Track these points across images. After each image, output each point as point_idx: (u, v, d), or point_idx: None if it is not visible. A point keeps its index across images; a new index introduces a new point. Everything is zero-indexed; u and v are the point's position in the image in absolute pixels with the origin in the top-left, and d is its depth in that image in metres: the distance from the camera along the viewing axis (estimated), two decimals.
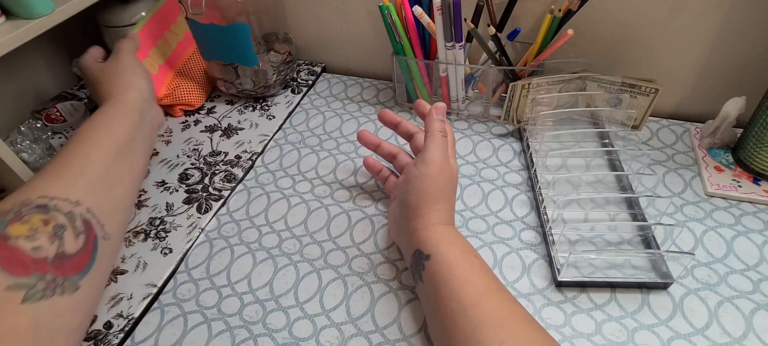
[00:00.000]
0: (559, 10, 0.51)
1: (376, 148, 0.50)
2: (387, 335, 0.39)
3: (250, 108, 0.66)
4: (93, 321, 0.41)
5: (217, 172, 0.56)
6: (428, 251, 0.37)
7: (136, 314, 0.42)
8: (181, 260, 0.47)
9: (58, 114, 0.60)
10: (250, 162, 0.57)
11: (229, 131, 0.62)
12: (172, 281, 0.45)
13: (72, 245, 0.33)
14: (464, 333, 0.32)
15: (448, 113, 0.61)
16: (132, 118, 0.44)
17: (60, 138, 0.57)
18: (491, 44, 0.55)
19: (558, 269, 0.42)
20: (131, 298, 0.43)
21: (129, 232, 0.49)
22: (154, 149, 0.60)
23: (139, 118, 0.45)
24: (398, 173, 0.49)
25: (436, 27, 0.51)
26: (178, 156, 0.58)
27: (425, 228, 0.38)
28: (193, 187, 0.54)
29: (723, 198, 0.48)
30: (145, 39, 0.60)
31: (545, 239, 0.45)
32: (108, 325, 0.41)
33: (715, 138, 0.52)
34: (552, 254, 0.43)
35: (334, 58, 0.73)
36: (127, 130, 0.43)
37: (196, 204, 0.52)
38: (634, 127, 0.54)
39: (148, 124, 0.47)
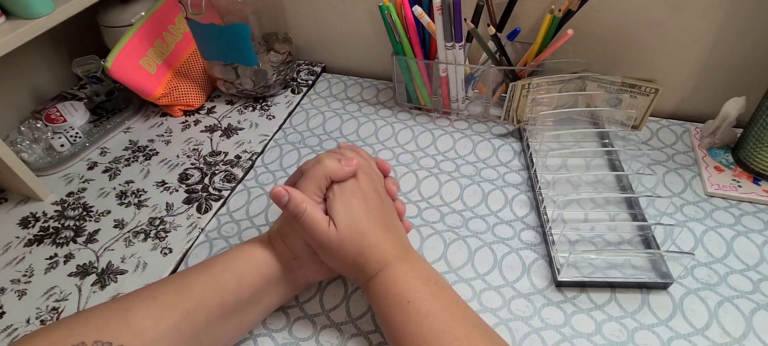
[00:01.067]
0: (559, 10, 0.51)
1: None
2: None
3: (250, 108, 0.66)
4: None
5: (217, 172, 0.56)
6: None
7: None
8: (181, 260, 0.47)
9: (58, 114, 0.60)
10: (250, 162, 0.57)
11: (229, 131, 0.62)
12: None
13: None
14: None
15: (448, 113, 0.61)
16: (271, 270, 0.37)
17: (60, 138, 0.57)
18: (491, 44, 0.55)
19: (558, 269, 0.42)
20: None
21: (129, 232, 0.49)
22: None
23: (278, 273, 0.37)
24: None
25: (436, 27, 0.51)
26: (178, 156, 0.58)
27: (365, 285, 0.36)
28: (193, 187, 0.54)
29: (723, 198, 0.48)
30: (142, 39, 0.60)
31: (545, 239, 0.45)
32: None
33: (715, 138, 0.52)
34: (552, 254, 0.43)
35: (334, 58, 0.73)
36: (253, 287, 0.36)
37: (196, 204, 0.52)
38: (634, 127, 0.54)
39: (286, 286, 0.39)
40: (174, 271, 0.46)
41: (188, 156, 0.58)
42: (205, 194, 0.53)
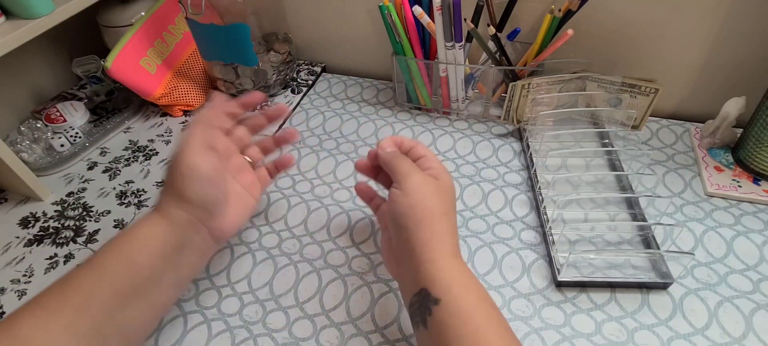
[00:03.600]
0: (559, 10, 0.51)
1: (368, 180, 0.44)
2: (387, 335, 0.39)
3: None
4: None
5: None
6: (437, 293, 0.31)
7: None
8: None
9: (58, 114, 0.60)
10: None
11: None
12: None
13: None
14: None
15: (448, 113, 0.61)
16: (166, 244, 0.35)
17: (60, 138, 0.57)
18: (491, 44, 0.55)
19: (558, 269, 0.42)
20: None
21: None
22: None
23: (177, 243, 0.35)
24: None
25: (436, 27, 0.51)
26: None
27: (432, 261, 0.33)
28: None
29: (723, 198, 0.48)
30: (142, 39, 0.60)
31: (545, 239, 0.45)
32: None
33: (715, 138, 0.52)
34: (552, 254, 0.43)
35: (334, 58, 0.73)
36: (149, 267, 0.34)
37: None
38: (634, 127, 0.54)
39: (195, 251, 0.37)
40: None
41: None
42: None
